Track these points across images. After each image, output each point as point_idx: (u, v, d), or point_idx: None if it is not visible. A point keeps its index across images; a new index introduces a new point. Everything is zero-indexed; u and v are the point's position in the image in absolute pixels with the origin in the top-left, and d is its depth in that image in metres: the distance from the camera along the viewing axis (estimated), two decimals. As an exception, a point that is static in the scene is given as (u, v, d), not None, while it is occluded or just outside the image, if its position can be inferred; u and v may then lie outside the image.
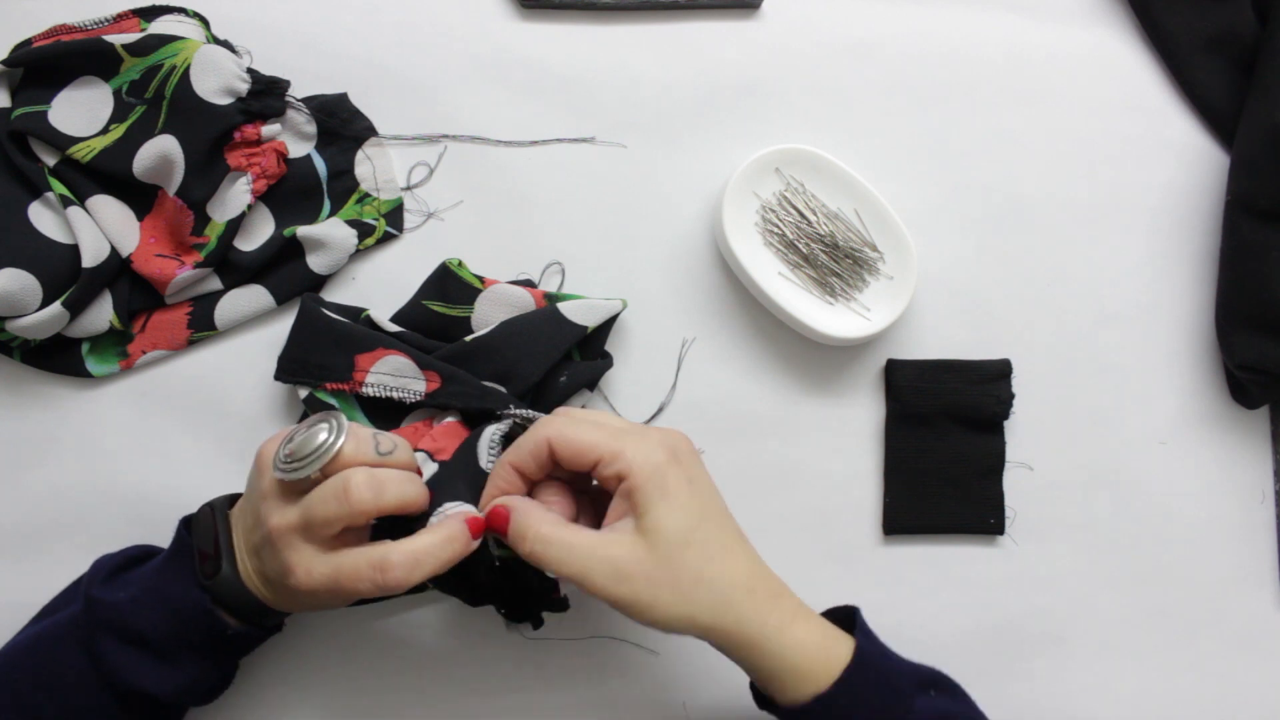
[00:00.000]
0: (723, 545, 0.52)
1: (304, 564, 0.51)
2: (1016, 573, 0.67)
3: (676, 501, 0.51)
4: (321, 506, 0.51)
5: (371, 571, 0.51)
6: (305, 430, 0.53)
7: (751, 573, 0.53)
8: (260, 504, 0.53)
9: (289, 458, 0.52)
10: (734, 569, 0.52)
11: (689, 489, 0.52)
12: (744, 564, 0.53)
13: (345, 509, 0.50)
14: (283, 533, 0.52)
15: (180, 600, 0.54)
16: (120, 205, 0.63)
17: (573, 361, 0.64)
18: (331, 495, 0.51)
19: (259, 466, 0.54)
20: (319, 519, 0.51)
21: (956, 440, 0.67)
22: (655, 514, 0.51)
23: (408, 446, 0.56)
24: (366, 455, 0.53)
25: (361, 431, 0.53)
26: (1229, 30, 0.68)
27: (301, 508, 0.51)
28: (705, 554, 0.51)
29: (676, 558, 0.51)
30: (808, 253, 0.66)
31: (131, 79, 0.62)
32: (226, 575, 0.54)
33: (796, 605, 0.54)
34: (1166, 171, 0.69)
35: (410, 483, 0.53)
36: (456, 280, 0.64)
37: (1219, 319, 0.67)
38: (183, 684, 0.55)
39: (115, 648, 0.54)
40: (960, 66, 0.69)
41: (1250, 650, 0.67)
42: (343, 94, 0.66)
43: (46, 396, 0.65)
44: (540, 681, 0.65)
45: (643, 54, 0.68)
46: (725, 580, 0.52)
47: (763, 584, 0.53)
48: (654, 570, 0.50)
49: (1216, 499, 0.68)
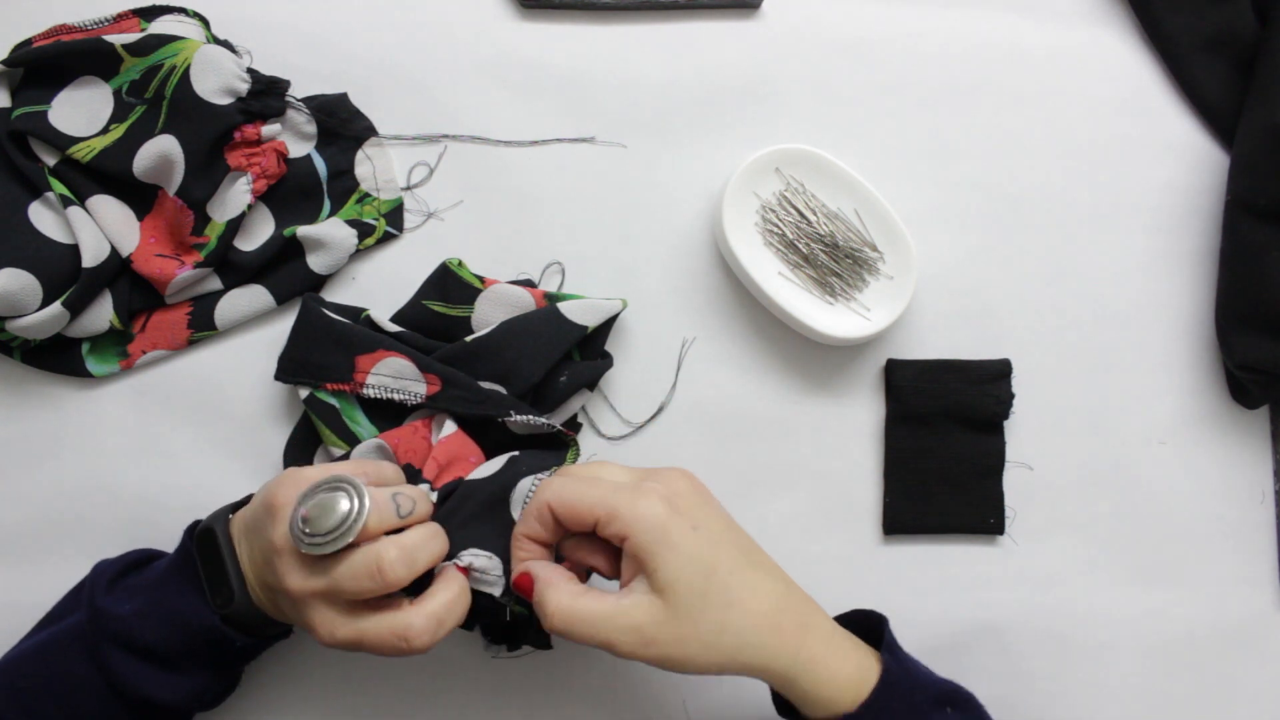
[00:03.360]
0: (742, 586, 0.51)
1: (327, 625, 0.51)
2: (1016, 573, 0.67)
3: (683, 555, 0.50)
4: (353, 583, 0.50)
5: (396, 640, 0.50)
6: (321, 494, 0.51)
7: (775, 608, 0.52)
8: (273, 557, 0.52)
9: (308, 527, 0.50)
10: (756, 609, 0.51)
11: (694, 538, 0.51)
12: (766, 600, 0.52)
13: (379, 585, 0.50)
14: (304, 596, 0.51)
15: (189, 616, 0.54)
16: (120, 205, 0.63)
17: (573, 361, 0.64)
18: (364, 574, 0.50)
19: (270, 512, 0.52)
20: (349, 592, 0.50)
21: (956, 440, 0.67)
22: (664, 573, 0.50)
23: (425, 497, 0.55)
24: (389, 522, 0.52)
25: (381, 497, 0.52)
26: (1229, 30, 0.68)
27: (328, 580, 0.50)
28: (724, 601, 0.50)
29: (696, 612, 0.50)
30: (808, 253, 0.66)
31: (131, 79, 0.62)
32: (240, 603, 0.54)
33: (827, 632, 0.53)
34: (1166, 171, 0.69)
35: (436, 540, 0.53)
36: (456, 280, 0.64)
37: (1219, 319, 0.67)
38: (190, 692, 0.55)
39: (122, 659, 0.54)
40: (960, 66, 0.69)
41: (1250, 650, 0.68)
42: (343, 94, 0.66)
43: (46, 396, 0.65)
44: (542, 683, 0.65)
45: (643, 54, 0.68)
46: (748, 624, 0.51)
47: (789, 617, 0.52)
48: (677, 629, 0.50)
49: (1216, 499, 0.68)
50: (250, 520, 0.54)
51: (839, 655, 0.53)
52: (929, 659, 0.58)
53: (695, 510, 0.52)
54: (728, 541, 0.52)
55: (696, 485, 0.54)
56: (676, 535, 0.50)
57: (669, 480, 0.53)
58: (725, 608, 0.50)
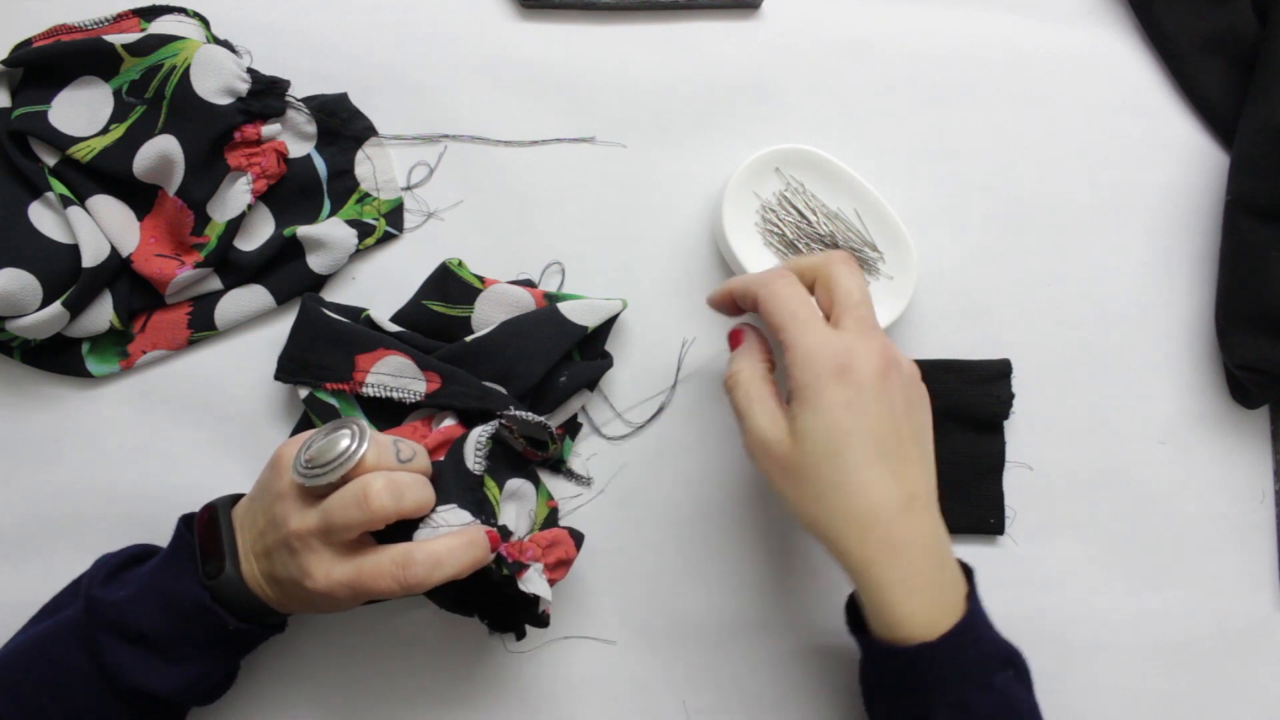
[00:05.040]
0: (855, 477, 0.52)
1: (323, 566, 0.52)
2: (1016, 573, 0.67)
3: (824, 419, 0.52)
4: (342, 512, 0.51)
5: (394, 568, 0.51)
6: (326, 436, 0.53)
7: (872, 515, 0.52)
8: (275, 504, 0.53)
9: (310, 463, 0.52)
10: (853, 506, 0.52)
11: (843, 411, 0.52)
12: (869, 503, 0.52)
13: (365, 514, 0.51)
14: (302, 535, 0.52)
15: (180, 597, 0.54)
16: (120, 205, 0.63)
17: (573, 361, 0.64)
18: (352, 501, 0.51)
19: (276, 468, 0.54)
20: (339, 524, 0.51)
21: (956, 440, 0.67)
22: (801, 422, 0.53)
23: (425, 453, 0.56)
24: (388, 462, 0.53)
25: (382, 439, 0.54)
26: (1229, 30, 0.68)
27: (321, 512, 0.52)
28: (834, 481, 0.52)
29: (810, 470, 0.53)
30: (808, 253, 0.66)
31: (131, 79, 0.62)
32: (229, 575, 0.54)
33: (916, 565, 0.53)
34: (1166, 171, 0.69)
35: (426, 487, 0.54)
36: (456, 280, 0.64)
37: (1219, 319, 0.67)
38: (184, 682, 0.55)
39: (116, 646, 0.54)
40: (960, 66, 0.69)
41: (1250, 650, 0.67)
42: (343, 94, 0.66)
43: (46, 396, 0.65)
44: (542, 681, 0.65)
45: (643, 54, 0.68)
46: (839, 514, 0.53)
47: (885, 529, 0.52)
48: (791, 466, 0.53)
49: (1216, 499, 0.68)
50: (256, 487, 0.56)
51: (917, 587, 0.53)
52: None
53: (861, 387, 0.52)
54: (874, 430, 0.53)
55: (885, 367, 0.53)
56: (827, 400, 0.52)
57: (861, 349, 0.53)
58: (833, 487, 0.52)
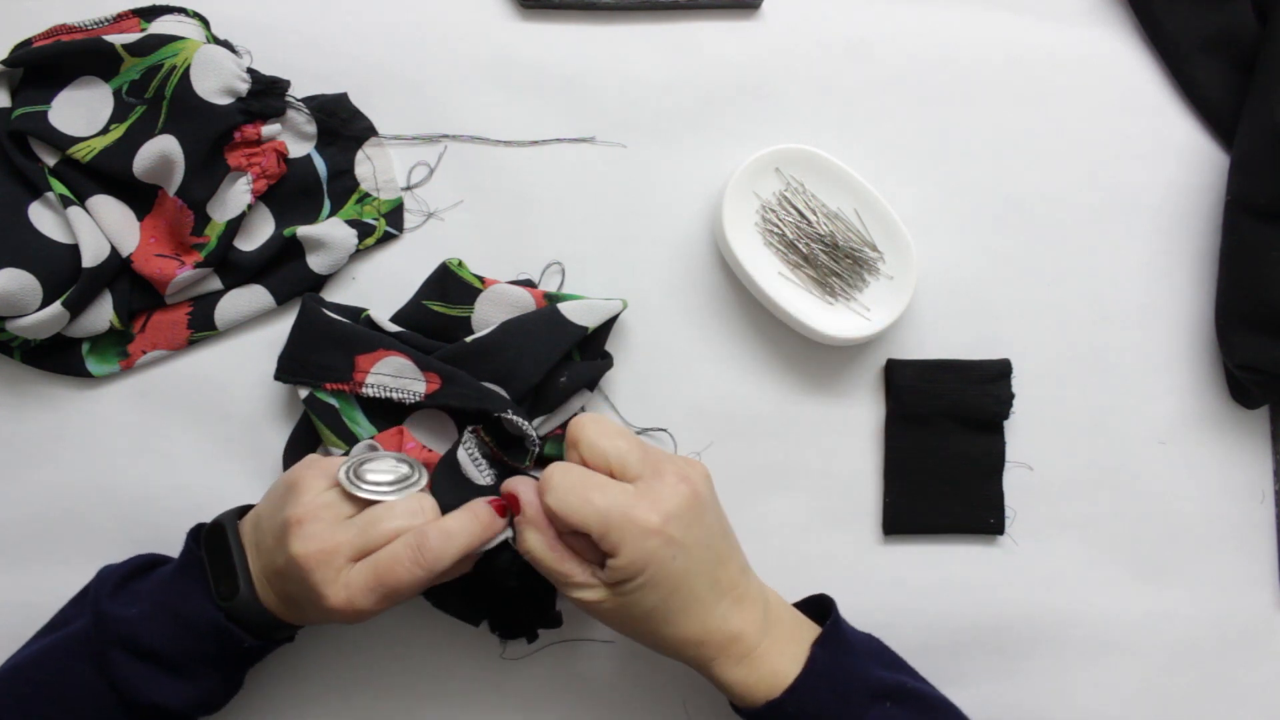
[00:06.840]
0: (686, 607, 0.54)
1: (340, 579, 0.52)
2: (1016, 573, 0.67)
3: (655, 579, 0.53)
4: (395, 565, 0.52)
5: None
6: (376, 455, 0.56)
7: (705, 630, 0.54)
8: (291, 529, 0.53)
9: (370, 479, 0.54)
10: (686, 630, 0.54)
11: (671, 567, 0.53)
12: (698, 625, 0.54)
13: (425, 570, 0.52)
14: (330, 554, 0.52)
15: (194, 616, 0.54)
16: (120, 205, 0.63)
17: (573, 362, 0.64)
18: (408, 558, 0.52)
19: (295, 490, 0.54)
20: (392, 581, 0.52)
21: (956, 440, 0.67)
22: (633, 586, 0.53)
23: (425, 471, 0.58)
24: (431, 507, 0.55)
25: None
26: (1229, 30, 0.68)
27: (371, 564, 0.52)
28: (662, 618, 0.54)
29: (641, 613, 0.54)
30: (808, 253, 0.66)
31: (131, 79, 0.62)
32: (244, 595, 0.54)
33: (756, 639, 0.55)
34: (1166, 171, 0.69)
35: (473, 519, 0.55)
36: (456, 280, 0.64)
37: (1219, 319, 0.67)
38: (195, 696, 0.55)
39: (127, 662, 0.53)
40: (960, 66, 0.69)
41: (1250, 650, 0.67)
42: (343, 94, 0.66)
43: (46, 396, 0.65)
44: (543, 684, 0.65)
45: (643, 54, 0.68)
46: (676, 639, 0.54)
47: (715, 637, 0.55)
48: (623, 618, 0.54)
49: (1216, 499, 0.68)
50: (265, 505, 0.56)
51: (760, 660, 0.55)
52: (929, 659, 0.58)
53: (686, 532, 0.53)
54: (704, 568, 0.54)
55: (697, 497, 0.54)
56: (657, 567, 0.52)
57: (671, 489, 0.54)
58: (663, 623, 0.54)
